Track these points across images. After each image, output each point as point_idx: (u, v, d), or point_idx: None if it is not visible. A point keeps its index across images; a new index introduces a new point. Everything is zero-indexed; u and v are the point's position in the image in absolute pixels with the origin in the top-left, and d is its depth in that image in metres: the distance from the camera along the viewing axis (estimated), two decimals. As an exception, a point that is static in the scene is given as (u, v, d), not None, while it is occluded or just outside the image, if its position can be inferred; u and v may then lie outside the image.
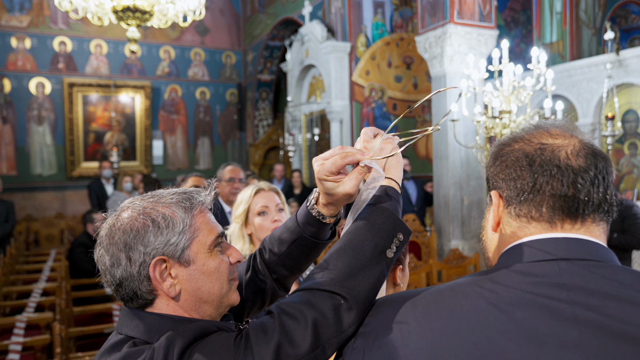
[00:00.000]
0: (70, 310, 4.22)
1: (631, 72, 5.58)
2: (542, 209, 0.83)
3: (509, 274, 0.80)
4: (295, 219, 1.06)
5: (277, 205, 2.10)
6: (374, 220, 0.93)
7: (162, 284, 0.92)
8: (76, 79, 10.49)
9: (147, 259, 0.91)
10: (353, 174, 0.95)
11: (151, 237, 0.91)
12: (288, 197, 7.30)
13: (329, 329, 0.85)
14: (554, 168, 0.82)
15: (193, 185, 3.30)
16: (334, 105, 7.74)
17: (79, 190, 10.26)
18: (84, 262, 5.49)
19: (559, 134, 0.86)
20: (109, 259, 0.92)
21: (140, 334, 0.90)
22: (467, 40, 5.87)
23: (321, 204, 1.01)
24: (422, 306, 0.83)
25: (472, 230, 6.00)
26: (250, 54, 11.63)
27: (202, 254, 0.94)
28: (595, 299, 0.74)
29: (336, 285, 0.88)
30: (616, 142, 5.69)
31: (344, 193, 0.95)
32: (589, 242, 0.81)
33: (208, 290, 0.95)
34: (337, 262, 0.90)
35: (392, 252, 0.92)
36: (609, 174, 0.83)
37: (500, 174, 0.88)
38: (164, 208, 0.94)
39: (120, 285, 0.92)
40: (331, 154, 0.95)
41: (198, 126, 11.82)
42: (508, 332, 0.74)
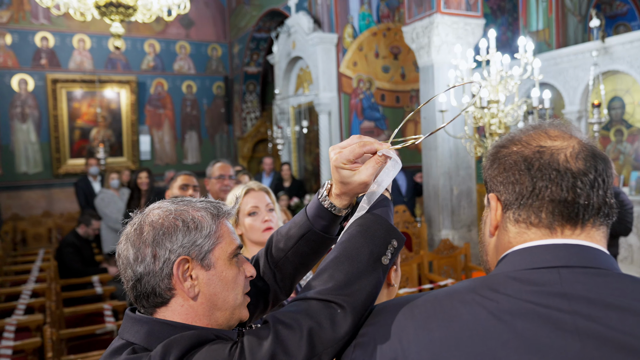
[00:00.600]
0: (60, 312, 4.18)
1: (616, 59, 5.61)
2: (542, 215, 0.82)
3: (509, 282, 0.78)
4: (305, 213, 1.06)
5: (267, 205, 2.08)
6: (368, 228, 0.94)
7: (182, 283, 0.94)
8: (59, 74, 10.32)
9: (172, 256, 0.93)
10: (370, 162, 0.95)
11: (180, 236, 0.94)
12: (277, 191, 7.28)
13: (325, 338, 0.85)
14: (553, 172, 0.80)
15: (182, 184, 3.27)
16: (322, 97, 7.70)
17: (66, 188, 10.14)
18: (73, 262, 5.44)
19: (558, 135, 0.84)
20: (133, 253, 0.95)
21: (140, 340, 0.91)
22: (454, 29, 5.86)
23: (334, 195, 1.01)
24: (421, 315, 0.81)
25: (462, 220, 6.03)
26: (237, 46, 11.52)
27: (222, 261, 0.98)
28: (597, 309, 0.73)
29: (332, 293, 0.88)
30: (602, 129, 5.74)
31: (360, 182, 0.96)
32: (590, 248, 0.80)
33: (223, 298, 0.97)
34: (333, 271, 0.91)
35: (388, 258, 0.93)
36: (608, 176, 0.81)
37: (498, 177, 0.86)
38: (194, 211, 0.98)
39: (139, 281, 0.94)
40: (349, 143, 0.96)
41: (185, 120, 11.71)
42: (509, 342, 0.72)
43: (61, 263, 5.49)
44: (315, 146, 8.28)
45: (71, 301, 4.99)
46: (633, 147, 5.78)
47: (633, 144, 5.78)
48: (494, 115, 4.74)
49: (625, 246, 5.49)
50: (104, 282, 5.34)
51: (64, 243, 5.62)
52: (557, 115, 6.44)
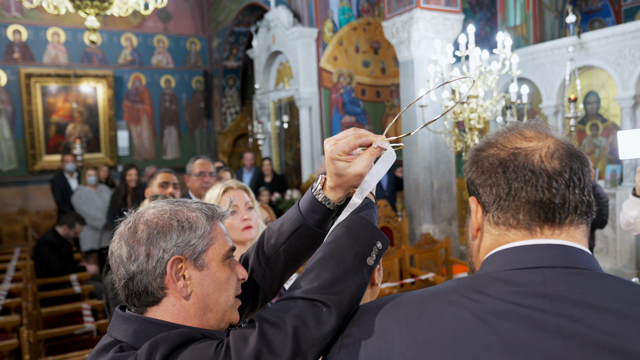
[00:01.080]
0: (38, 312, 4.11)
1: (592, 54, 5.71)
2: (519, 216, 0.82)
3: (493, 282, 0.79)
4: (297, 208, 1.06)
5: (246, 203, 2.05)
6: (354, 229, 0.95)
7: (175, 282, 0.94)
8: (33, 69, 10.07)
9: (165, 255, 0.94)
10: (365, 154, 0.96)
11: (174, 235, 0.95)
12: (259, 186, 7.24)
13: (310, 337, 0.86)
14: (528, 173, 0.81)
15: (162, 182, 3.23)
16: (303, 91, 7.67)
17: (42, 184, 9.93)
18: (51, 261, 5.33)
19: (533, 136, 0.85)
20: (127, 251, 0.95)
21: (128, 338, 0.91)
22: (434, 25, 5.89)
23: (328, 188, 1.01)
24: (406, 316, 0.82)
25: (442, 214, 6.09)
26: (216, 40, 11.39)
27: (215, 262, 0.98)
28: (580, 309, 0.73)
29: (318, 292, 0.89)
30: (578, 123, 5.85)
31: (355, 173, 0.96)
32: (573, 248, 0.81)
33: (215, 299, 0.98)
34: (319, 271, 0.91)
35: (372, 259, 0.94)
36: (584, 174, 0.82)
37: (477, 180, 0.87)
38: (189, 212, 0.99)
39: (131, 280, 0.94)
40: (344, 135, 0.97)
41: (164, 115, 11.56)
42: (492, 344, 0.73)
43: (38, 262, 5.37)
44: (296, 141, 8.26)
45: (49, 301, 4.90)
46: (608, 141, 5.90)
47: (608, 138, 5.90)
48: (474, 110, 4.79)
49: (600, 238, 5.61)
50: (83, 281, 5.26)
51: (42, 241, 5.51)
52: (535, 110, 6.54)
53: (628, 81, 5.39)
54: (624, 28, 5.43)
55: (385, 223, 5.78)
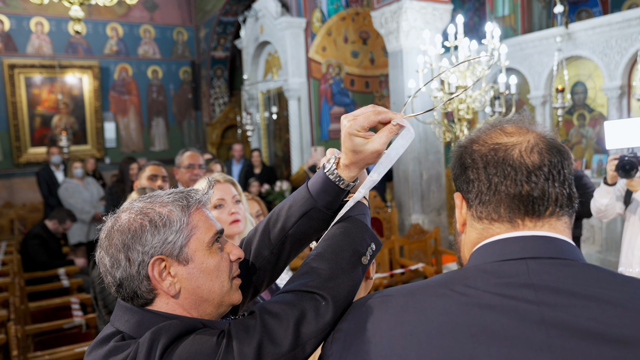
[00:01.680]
0: (25, 307, 4.07)
1: (579, 44, 5.74)
2: (501, 210, 0.84)
3: (479, 274, 0.81)
4: (307, 190, 1.03)
5: (233, 197, 2.03)
6: (350, 229, 0.99)
7: (161, 283, 0.93)
8: (17, 59, 9.89)
9: (145, 258, 0.92)
10: (383, 131, 0.95)
11: (148, 237, 0.92)
12: (248, 177, 7.22)
13: (310, 328, 0.88)
14: (507, 168, 0.83)
15: (150, 175, 3.20)
16: (291, 82, 7.63)
17: (28, 177, 9.79)
18: (39, 255, 5.28)
19: (514, 131, 0.87)
20: (109, 260, 0.94)
21: (129, 329, 0.92)
22: (423, 15, 5.87)
23: (342, 166, 0.99)
24: (394, 309, 0.83)
25: (431, 204, 6.12)
26: (203, 30, 11.26)
27: (200, 252, 0.96)
28: (563, 298, 0.75)
29: (317, 286, 0.91)
30: (566, 113, 5.88)
31: (372, 150, 0.94)
32: (557, 239, 0.82)
33: (208, 289, 0.96)
34: (317, 265, 0.94)
35: (367, 259, 0.98)
36: (564, 167, 0.83)
37: (461, 176, 0.89)
38: (161, 207, 0.96)
39: (120, 286, 0.94)
40: (362, 111, 0.95)
41: (151, 106, 11.44)
42: (477, 335, 0.74)
43: (26, 256, 5.32)
44: (285, 132, 8.22)
45: (36, 295, 4.85)
46: (595, 131, 5.95)
47: (594, 128, 5.95)
48: (462, 100, 4.80)
49: (587, 227, 5.68)
50: (71, 275, 5.21)
51: (30, 235, 5.44)
52: (523, 100, 6.57)
53: (615, 71, 5.43)
54: (610, 18, 5.46)
55: (374, 214, 5.79)
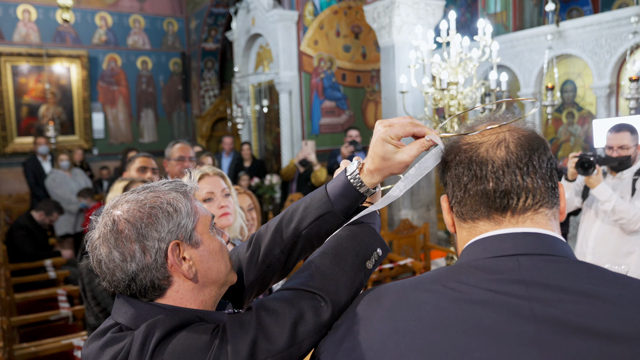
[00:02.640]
0: (11, 298, 4.02)
1: (570, 43, 5.78)
2: (478, 208, 0.85)
3: (471, 271, 0.81)
4: (325, 193, 1.01)
5: (223, 190, 2.01)
6: (357, 233, 0.99)
7: (180, 267, 0.94)
8: (3, 47, 9.72)
9: (162, 245, 0.92)
10: (416, 144, 0.94)
11: (164, 222, 0.93)
12: (238, 171, 7.18)
13: (307, 327, 0.88)
14: (473, 165, 0.84)
15: (140, 167, 3.17)
16: (283, 75, 7.59)
17: (14, 167, 9.66)
18: (25, 246, 5.22)
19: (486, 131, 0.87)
20: (119, 254, 0.92)
21: (127, 320, 0.92)
22: (415, 10, 5.87)
23: (367, 171, 0.97)
24: (387, 305, 0.84)
25: (421, 200, 6.15)
26: (194, 21, 11.16)
27: (206, 234, 0.98)
28: (553, 293, 0.75)
29: (318, 287, 0.92)
30: (555, 111, 5.93)
31: (400, 160, 0.93)
32: (547, 236, 0.82)
33: (217, 269, 0.98)
34: (320, 266, 0.95)
35: (372, 264, 0.98)
36: (534, 160, 0.83)
37: (442, 180, 0.92)
38: (165, 195, 0.97)
39: (133, 280, 0.93)
40: (399, 120, 0.94)
41: (141, 97, 11.32)
42: (469, 330, 0.75)
43: (11, 246, 5.25)
44: (276, 125, 8.19)
45: (22, 286, 4.80)
46: (583, 129, 6.01)
47: (583, 126, 6.01)
48: (453, 97, 4.81)
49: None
50: (58, 266, 5.16)
51: (16, 225, 5.37)
52: (513, 97, 6.61)
53: (604, 70, 5.48)
54: (601, 17, 5.50)
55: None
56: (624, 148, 3.00)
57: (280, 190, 7.09)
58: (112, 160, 10.51)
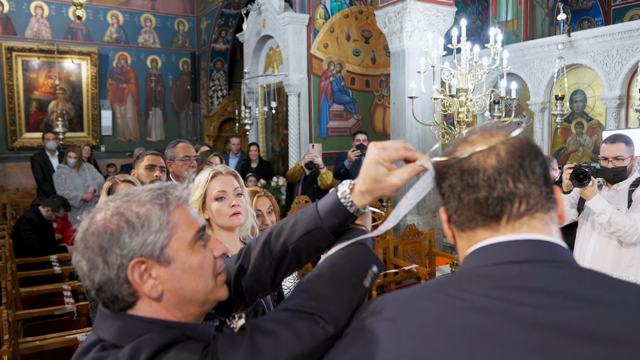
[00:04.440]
0: (17, 292, 4.04)
1: (581, 53, 5.76)
2: (474, 217, 0.85)
3: (474, 278, 0.81)
4: (316, 209, 1.01)
5: (235, 189, 2.02)
6: (352, 252, 0.98)
7: (142, 286, 0.88)
8: (15, 42, 9.79)
9: (124, 261, 0.87)
10: (407, 168, 0.96)
11: (126, 239, 0.87)
12: (245, 172, 7.19)
13: (304, 349, 0.85)
14: (465, 175, 0.84)
15: (148, 165, 3.18)
16: (292, 78, 7.61)
17: (22, 162, 9.72)
18: (31, 240, 5.24)
19: (477, 139, 0.87)
20: (85, 263, 0.89)
21: (111, 336, 0.87)
22: (427, 16, 5.87)
23: (357, 192, 0.98)
24: (390, 315, 0.84)
25: (427, 206, 6.13)
26: (204, 21, 11.21)
27: (182, 251, 0.90)
28: (556, 300, 0.75)
29: (315, 307, 0.89)
30: (564, 121, 5.91)
31: (392, 183, 0.95)
32: (549, 243, 0.83)
33: (192, 289, 0.91)
34: (317, 286, 0.93)
35: (368, 282, 0.97)
36: (522, 166, 0.83)
37: (439, 191, 0.92)
38: (138, 207, 0.90)
39: (100, 290, 0.89)
40: (393, 144, 0.96)
41: (149, 96, 11.37)
42: (472, 338, 0.75)
43: (18, 241, 5.27)
44: (284, 127, 8.20)
45: (27, 281, 4.82)
46: (592, 140, 5.98)
47: (592, 137, 5.98)
48: (463, 103, 4.80)
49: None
50: (63, 262, 5.18)
51: (23, 220, 5.39)
52: (522, 106, 6.59)
53: (614, 81, 5.46)
54: (612, 28, 5.48)
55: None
56: (619, 159, 2.99)
57: (286, 192, 7.10)
58: (120, 158, 10.56)
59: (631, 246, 2.93)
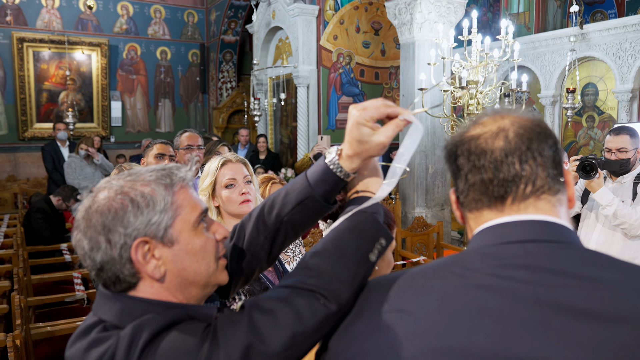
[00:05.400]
0: (28, 279, 4.09)
1: (593, 46, 5.70)
2: (480, 198, 0.86)
3: (477, 257, 0.82)
4: (305, 178, 1.00)
5: (245, 177, 2.03)
6: (357, 224, 0.93)
7: (145, 266, 0.88)
8: (26, 33, 9.85)
9: (128, 240, 0.86)
10: (390, 124, 0.95)
11: (131, 218, 0.86)
12: (253, 163, 7.21)
13: (305, 328, 0.83)
14: (472, 156, 0.85)
15: (158, 153, 3.20)
16: (301, 69, 7.60)
17: (32, 152, 9.81)
18: (41, 229, 5.30)
19: (489, 121, 0.87)
20: (87, 242, 0.87)
21: (112, 317, 0.87)
22: (437, 7, 5.83)
23: (345, 156, 0.97)
24: (393, 292, 0.85)
25: (435, 199, 6.12)
26: (214, 12, 11.20)
27: (186, 233, 0.90)
28: (557, 278, 0.76)
29: (317, 284, 0.86)
30: (575, 114, 5.86)
31: (378, 142, 0.94)
32: (554, 224, 0.83)
33: (194, 271, 0.91)
34: (319, 262, 0.89)
35: (375, 255, 0.92)
36: (530, 148, 0.83)
37: (449, 173, 0.93)
38: (143, 186, 0.89)
39: (101, 270, 0.88)
40: (372, 103, 0.95)
41: (159, 87, 11.41)
42: (473, 314, 0.76)
43: (29, 229, 5.34)
44: (293, 119, 8.21)
45: (39, 269, 4.88)
46: (603, 133, 5.93)
47: (603, 130, 5.92)
48: (473, 96, 4.77)
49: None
50: (73, 250, 5.23)
51: (34, 208, 5.45)
52: (533, 99, 6.54)
53: (627, 74, 5.40)
54: (626, 21, 5.41)
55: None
56: (622, 151, 2.99)
57: (294, 184, 7.11)
58: (129, 149, 10.62)
59: (636, 238, 2.93)
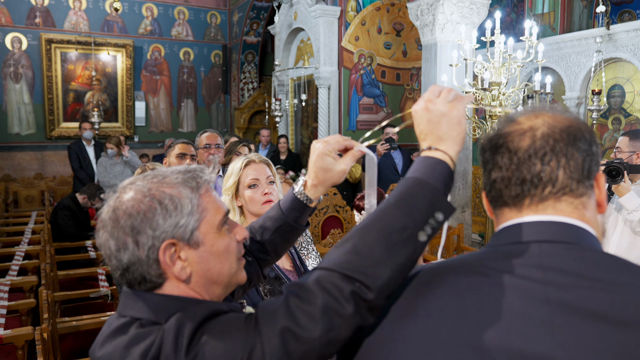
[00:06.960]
0: (55, 275, 4.20)
1: (620, 47, 5.59)
2: (500, 196, 0.87)
3: (495, 256, 0.84)
4: (279, 207, 1.21)
5: (267, 177, 2.05)
6: (408, 197, 0.84)
7: (172, 267, 0.90)
8: (54, 35, 10.10)
9: (156, 242, 0.88)
10: (349, 155, 1.10)
11: (160, 220, 0.88)
12: (274, 164, 7.25)
13: (343, 313, 0.80)
14: (497, 155, 0.86)
15: (180, 153, 3.25)
16: (323, 70, 7.62)
17: (59, 150, 10.04)
18: (68, 226, 5.43)
19: (523, 119, 0.87)
20: (114, 243, 0.89)
21: (146, 314, 0.88)
22: (460, 8, 5.78)
23: (310, 186, 1.15)
24: (414, 286, 0.87)
25: (456, 201, 6.07)
26: (236, 14, 11.31)
27: (210, 235, 0.92)
28: (569, 279, 0.76)
29: (355, 268, 0.81)
30: (601, 116, 5.75)
31: (339, 169, 1.10)
32: (573, 226, 0.82)
33: (218, 271, 0.94)
34: (358, 242, 0.83)
35: (426, 234, 0.82)
36: (554, 151, 0.82)
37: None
38: (170, 188, 0.91)
39: (127, 270, 0.90)
40: (333, 137, 1.11)
41: (182, 88, 11.57)
42: (483, 309, 0.78)
43: (55, 226, 5.47)
44: (313, 120, 8.23)
45: (64, 265, 5.00)
46: (630, 136, 5.80)
47: (630, 133, 5.80)
48: (495, 97, 4.72)
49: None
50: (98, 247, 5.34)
51: (60, 205, 5.59)
52: (557, 101, 6.44)
53: (656, 76, 5.27)
54: (655, 21, 5.29)
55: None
56: (618, 151, 3.12)
57: (315, 185, 7.13)
58: (152, 148, 10.79)
59: None
